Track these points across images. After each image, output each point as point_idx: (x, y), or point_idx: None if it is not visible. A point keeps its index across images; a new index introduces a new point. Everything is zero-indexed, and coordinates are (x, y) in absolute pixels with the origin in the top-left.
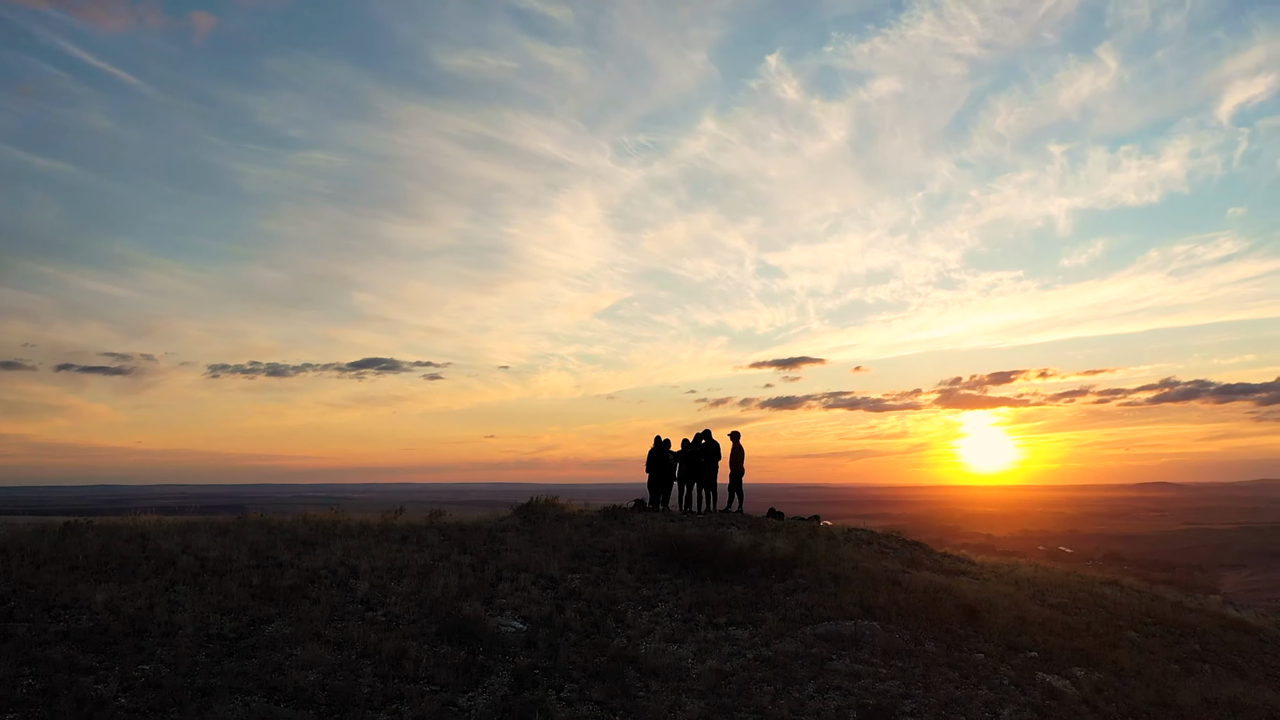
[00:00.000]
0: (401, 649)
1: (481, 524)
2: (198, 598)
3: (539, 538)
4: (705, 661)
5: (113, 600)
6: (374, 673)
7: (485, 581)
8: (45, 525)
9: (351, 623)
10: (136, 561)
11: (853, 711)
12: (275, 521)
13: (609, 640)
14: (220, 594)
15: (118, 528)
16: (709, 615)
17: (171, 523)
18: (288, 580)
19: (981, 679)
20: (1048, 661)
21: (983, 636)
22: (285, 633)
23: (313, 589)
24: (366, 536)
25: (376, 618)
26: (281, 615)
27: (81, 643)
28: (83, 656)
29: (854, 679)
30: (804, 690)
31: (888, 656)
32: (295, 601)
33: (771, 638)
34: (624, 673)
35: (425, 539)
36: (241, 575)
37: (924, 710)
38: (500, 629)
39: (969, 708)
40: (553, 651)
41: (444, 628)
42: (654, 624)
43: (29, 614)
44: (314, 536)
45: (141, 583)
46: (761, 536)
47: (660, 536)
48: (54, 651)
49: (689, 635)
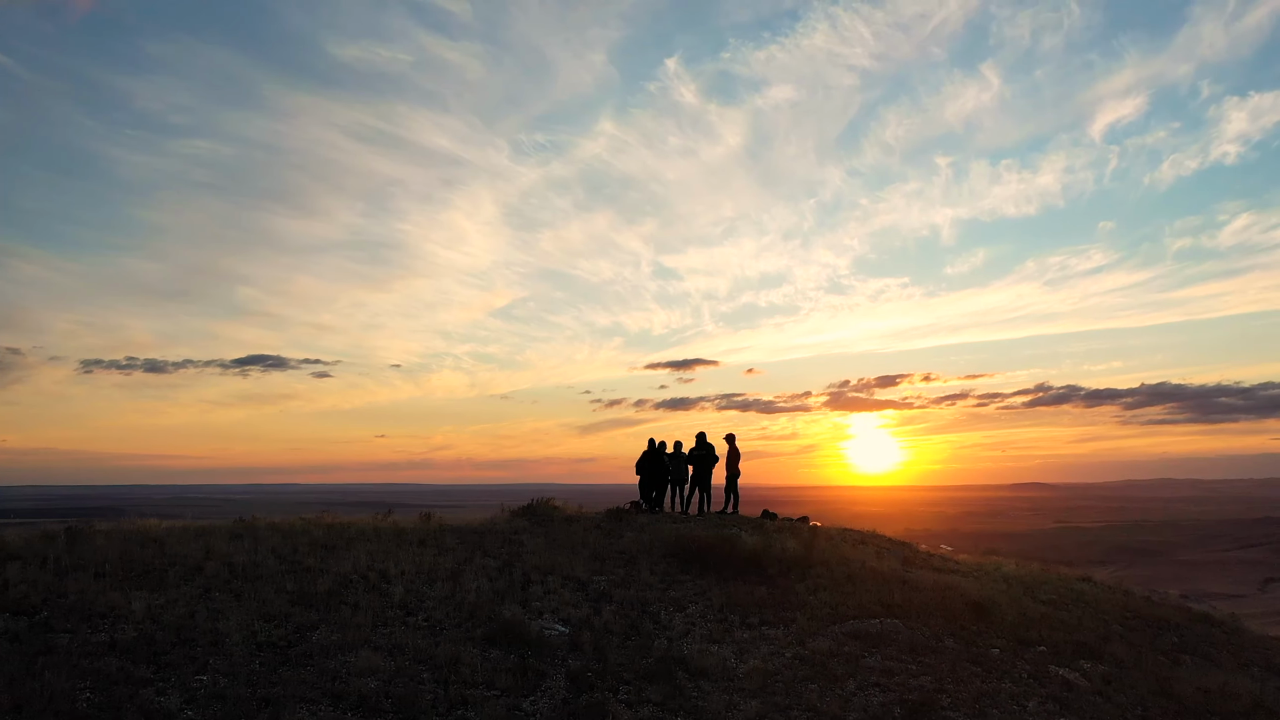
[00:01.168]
0: (455, 654)
1: (490, 526)
2: (236, 605)
3: (555, 540)
4: (747, 661)
5: (151, 609)
6: (432, 679)
7: (515, 584)
8: (47, 530)
9: (396, 628)
10: (161, 568)
11: (896, 707)
12: (286, 525)
13: (650, 642)
14: (258, 600)
15: (127, 532)
16: (741, 615)
17: (183, 527)
18: (322, 585)
19: (1003, 673)
20: (1055, 655)
21: (994, 632)
22: (333, 639)
23: (349, 594)
24: (384, 540)
25: (418, 623)
26: (325, 621)
27: (130, 653)
28: (136, 668)
29: (889, 675)
30: (846, 688)
31: (914, 653)
32: (335, 607)
33: (805, 636)
34: (674, 674)
35: (444, 542)
36: (274, 581)
37: (960, 704)
38: (543, 632)
39: (998, 700)
40: (599, 654)
41: (489, 632)
42: (690, 625)
43: (67, 624)
44: (332, 540)
45: (174, 590)
46: (768, 538)
47: (675, 538)
48: (104, 663)
49: (726, 636)
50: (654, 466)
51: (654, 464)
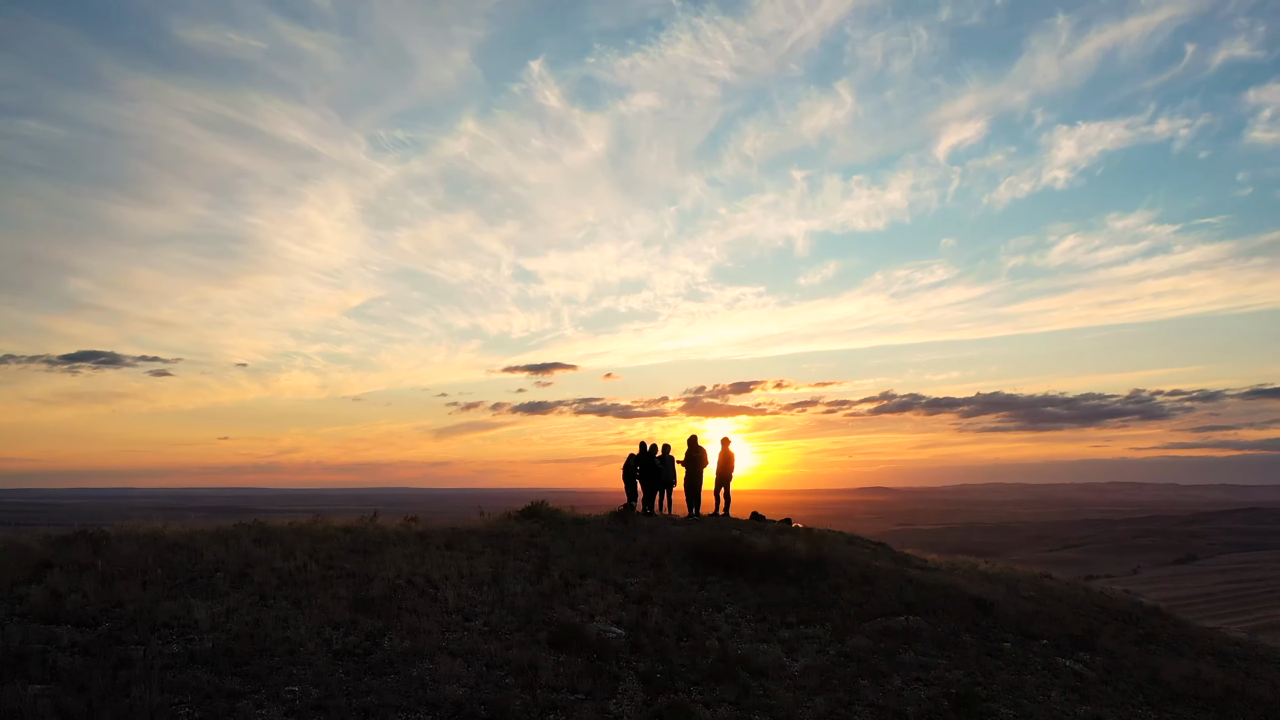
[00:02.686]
0: (531, 659)
1: (502, 529)
2: (298, 612)
3: (575, 543)
4: (798, 660)
5: (214, 618)
6: (515, 684)
7: (557, 588)
8: (57, 535)
9: (460, 633)
10: (206, 575)
11: (943, 700)
12: (309, 528)
13: (703, 642)
14: (317, 607)
15: (142, 536)
16: (779, 615)
17: (198, 531)
18: (375, 591)
19: (1020, 665)
20: (1057, 648)
21: (1001, 628)
22: (405, 646)
23: (403, 599)
24: (411, 544)
25: (479, 627)
26: (391, 628)
27: (212, 665)
28: (223, 680)
29: (925, 670)
30: (892, 683)
31: (940, 648)
32: (395, 613)
33: (841, 634)
34: (737, 673)
35: (470, 546)
36: (325, 586)
37: (995, 696)
38: (601, 634)
39: (1025, 691)
40: (661, 655)
41: (552, 636)
42: (734, 625)
43: (134, 635)
44: (362, 544)
45: (229, 598)
46: (776, 539)
47: (692, 540)
48: (189, 676)
49: (770, 635)
50: (648, 470)
51: (647, 467)
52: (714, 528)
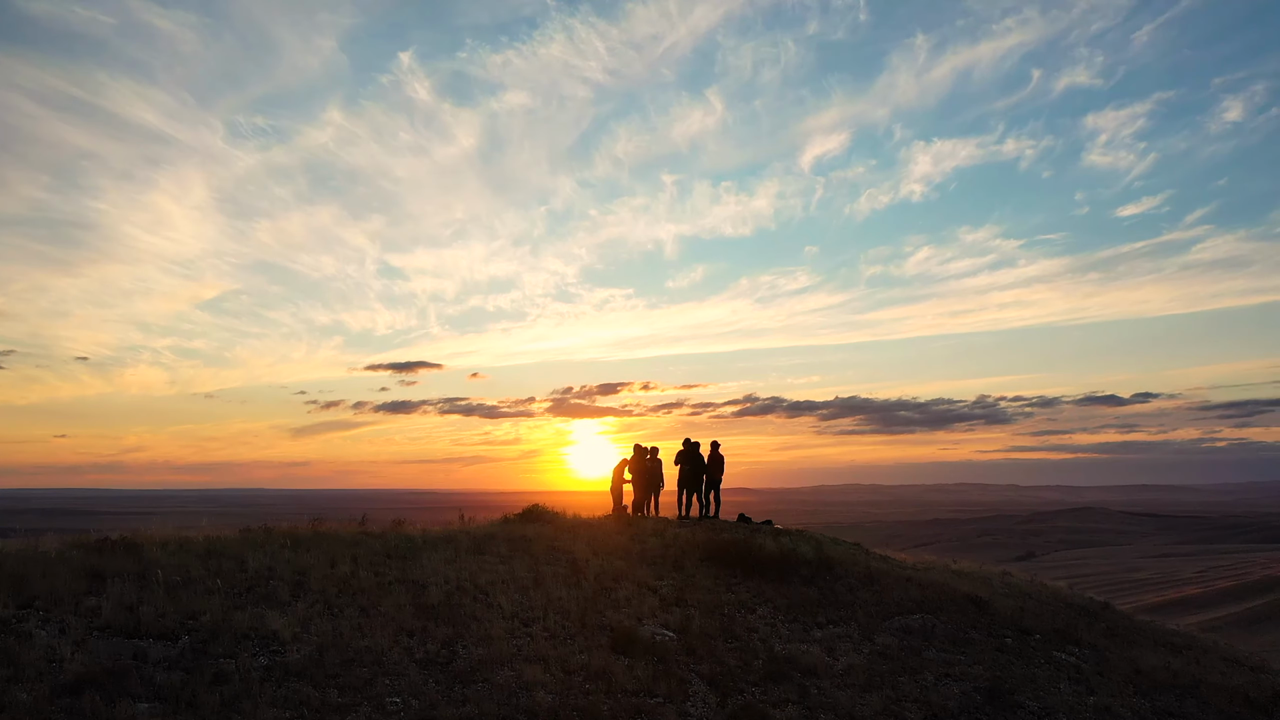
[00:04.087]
0: (603, 664)
1: (518, 532)
2: (366, 620)
3: (596, 545)
4: (839, 659)
5: (290, 628)
6: (598, 690)
7: (600, 591)
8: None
9: (525, 639)
10: (261, 583)
11: (976, 694)
12: (335, 533)
13: (747, 643)
14: (383, 615)
15: (168, 542)
16: (809, 616)
17: (229, 537)
18: (433, 598)
19: (1026, 659)
20: (1049, 642)
21: (999, 624)
22: (480, 653)
23: (461, 605)
24: (442, 549)
25: (539, 632)
26: (461, 635)
27: (308, 677)
28: (324, 692)
29: (950, 665)
30: (925, 679)
31: (956, 645)
32: (461, 620)
33: (869, 634)
34: (790, 673)
35: (496, 549)
36: (385, 594)
37: (1017, 689)
38: (655, 638)
39: (1039, 684)
40: (715, 657)
41: (614, 640)
42: (770, 626)
43: (220, 648)
44: (397, 550)
45: (294, 606)
46: (779, 541)
47: (705, 543)
48: (290, 689)
49: (805, 635)
50: (646, 474)
51: (645, 471)
52: (715, 530)
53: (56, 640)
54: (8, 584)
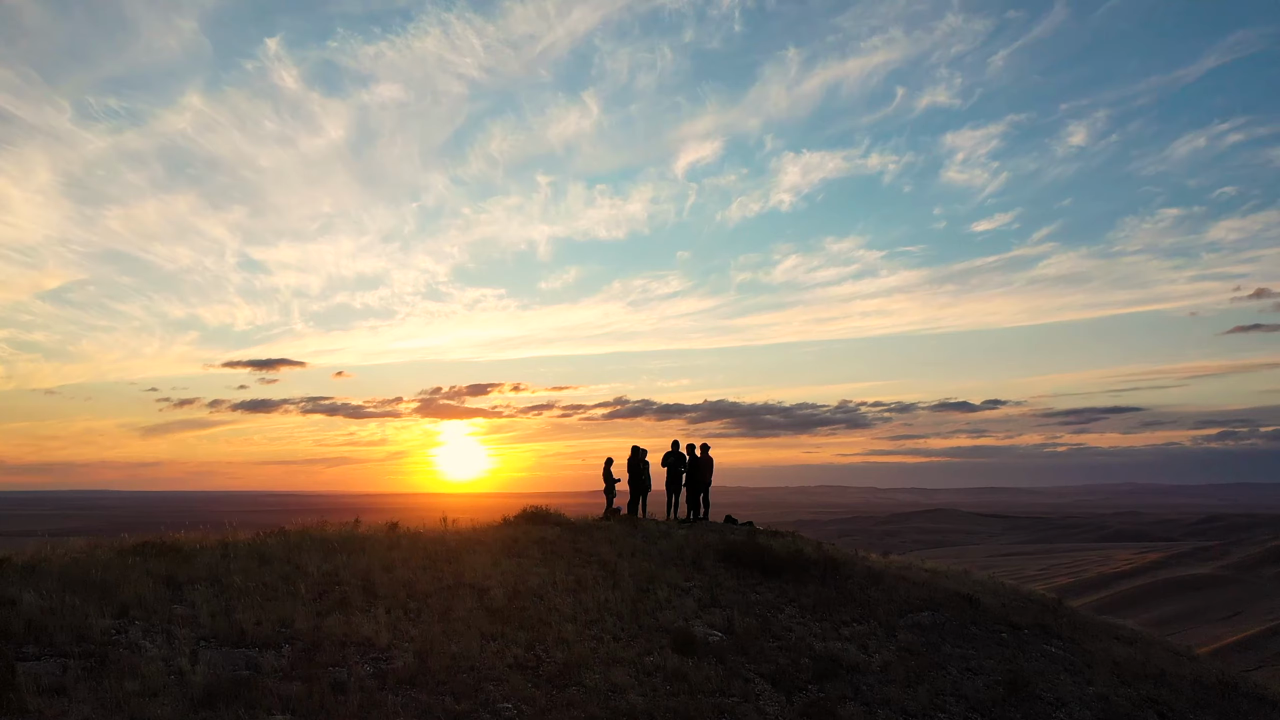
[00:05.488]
0: (677, 665)
1: (539, 535)
2: (446, 624)
3: (619, 547)
4: (873, 656)
5: (381, 634)
6: (680, 690)
7: (640, 593)
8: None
9: (592, 642)
10: (330, 587)
11: (999, 687)
12: (369, 537)
13: (787, 642)
14: (459, 620)
15: (217, 547)
16: (834, 614)
17: (269, 541)
18: (497, 602)
19: (1025, 652)
20: (1036, 636)
21: (991, 620)
22: (562, 656)
23: (526, 609)
24: (481, 552)
25: (602, 634)
26: (539, 639)
27: (420, 684)
28: (443, 700)
29: (966, 660)
30: (950, 674)
31: (964, 640)
32: (530, 624)
33: (890, 631)
34: (837, 671)
35: (529, 552)
36: (451, 597)
37: (1033, 681)
38: (708, 638)
39: (1046, 675)
40: (764, 656)
41: (675, 641)
42: (804, 625)
43: (326, 657)
44: (442, 553)
45: (373, 612)
46: (781, 541)
47: (716, 544)
48: (411, 697)
49: (834, 633)
50: (636, 474)
51: (637, 472)
52: (718, 532)
53: (166, 651)
54: (97, 592)
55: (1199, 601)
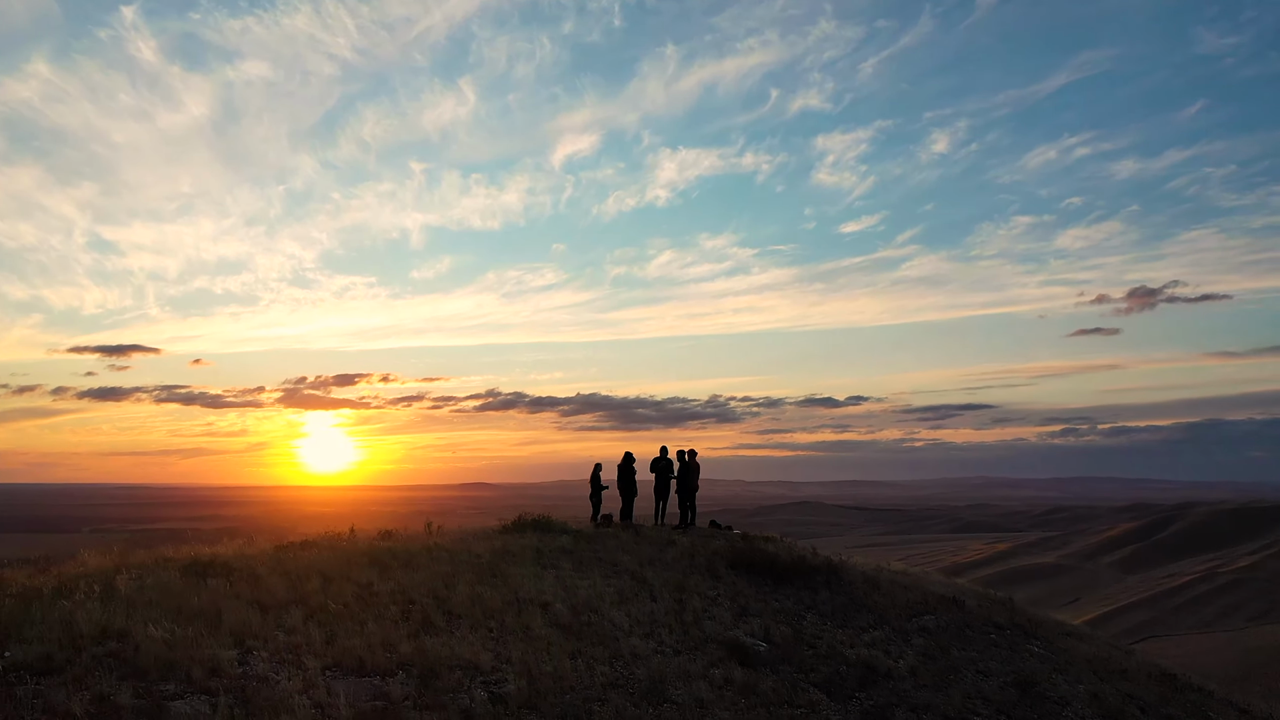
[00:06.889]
0: (747, 678)
1: (551, 544)
2: (530, 644)
3: (636, 556)
4: (898, 660)
5: (482, 657)
6: (757, 703)
7: (674, 603)
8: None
9: (661, 656)
10: (405, 605)
11: (1011, 688)
12: (405, 550)
13: (822, 649)
14: (540, 639)
15: (270, 561)
16: (851, 620)
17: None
18: (563, 618)
19: (1016, 652)
20: (1018, 636)
21: (979, 621)
22: (642, 672)
23: (590, 624)
24: (522, 564)
25: (661, 646)
26: (615, 655)
27: (538, 709)
28: None
29: (974, 662)
30: (966, 676)
31: (965, 642)
32: (599, 638)
33: (906, 635)
34: (874, 678)
35: (557, 562)
36: (519, 614)
37: (1037, 679)
38: (754, 648)
39: (1044, 673)
40: (808, 665)
41: (727, 653)
42: (830, 632)
43: (441, 683)
44: (489, 567)
45: (461, 632)
46: (777, 545)
47: (721, 551)
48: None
49: (857, 639)
50: (627, 480)
51: (628, 478)
52: (716, 537)
53: (300, 684)
54: (209, 621)
55: (1044, 588)
